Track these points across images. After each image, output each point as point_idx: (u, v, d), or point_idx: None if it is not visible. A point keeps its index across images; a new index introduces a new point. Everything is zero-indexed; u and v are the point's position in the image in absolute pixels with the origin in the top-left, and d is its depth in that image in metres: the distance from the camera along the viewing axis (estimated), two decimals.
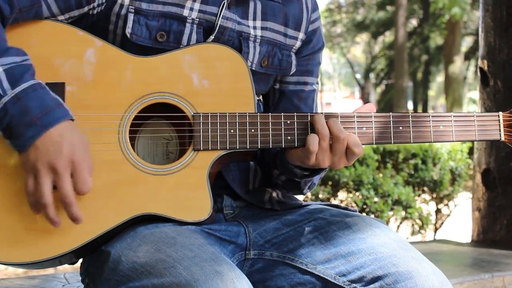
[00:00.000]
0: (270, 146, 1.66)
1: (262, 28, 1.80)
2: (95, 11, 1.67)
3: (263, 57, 1.80)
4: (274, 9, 1.82)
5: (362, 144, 1.66)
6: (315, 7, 1.92)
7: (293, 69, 1.88)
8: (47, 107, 1.50)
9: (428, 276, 1.53)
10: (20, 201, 1.57)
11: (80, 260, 1.75)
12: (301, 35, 1.87)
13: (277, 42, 1.83)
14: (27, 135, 1.48)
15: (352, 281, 1.58)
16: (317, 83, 1.98)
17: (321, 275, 1.62)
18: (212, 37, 1.71)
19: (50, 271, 4.65)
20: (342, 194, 5.19)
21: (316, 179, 1.86)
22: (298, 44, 1.88)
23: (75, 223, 1.54)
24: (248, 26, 1.77)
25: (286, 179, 1.82)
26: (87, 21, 1.69)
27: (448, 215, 6.19)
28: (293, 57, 1.87)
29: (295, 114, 1.66)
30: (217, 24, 1.71)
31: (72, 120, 1.54)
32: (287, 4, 1.85)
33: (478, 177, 4.20)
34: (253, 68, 1.78)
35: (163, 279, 1.42)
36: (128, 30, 1.66)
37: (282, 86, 1.91)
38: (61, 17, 1.65)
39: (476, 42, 25.65)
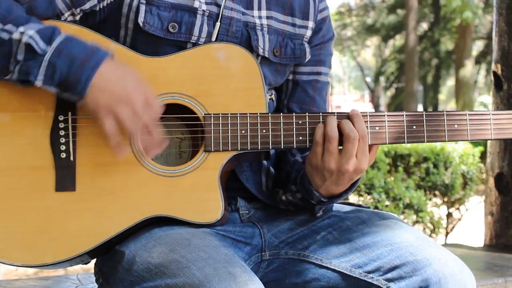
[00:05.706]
0: (282, 147, 1.64)
1: (268, 18, 1.80)
2: (105, 3, 1.67)
3: (274, 46, 1.80)
4: None
5: (375, 144, 1.64)
6: None
7: (308, 56, 1.86)
8: (90, 49, 1.53)
9: (448, 262, 1.52)
10: (35, 204, 1.57)
11: (93, 260, 1.75)
12: (310, 24, 1.87)
13: (286, 32, 1.83)
14: (82, 79, 1.50)
15: (369, 272, 1.58)
16: (329, 76, 1.96)
17: (336, 269, 1.62)
18: (217, 25, 1.70)
19: (61, 272, 4.67)
20: (353, 198, 5.18)
21: (332, 204, 1.79)
22: (309, 33, 1.87)
23: (119, 153, 1.56)
24: (253, 16, 1.77)
25: (301, 197, 1.77)
26: (100, 16, 1.69)
27: (459, 219, 6.16)
28: (306, 45, 1.86)
29: (306, 114, 1.65)
30: (221, 15, 1.71)
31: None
32: None
33: (491, 181, 4.17)
34: (267, 56, 1.77)
35: (177, 279, 1.42)
36: (140, 19, 1.67)
37: (295, 76, 1.90)
38: (75, 11, 1.64)
39: (487, 46, 25.56)
